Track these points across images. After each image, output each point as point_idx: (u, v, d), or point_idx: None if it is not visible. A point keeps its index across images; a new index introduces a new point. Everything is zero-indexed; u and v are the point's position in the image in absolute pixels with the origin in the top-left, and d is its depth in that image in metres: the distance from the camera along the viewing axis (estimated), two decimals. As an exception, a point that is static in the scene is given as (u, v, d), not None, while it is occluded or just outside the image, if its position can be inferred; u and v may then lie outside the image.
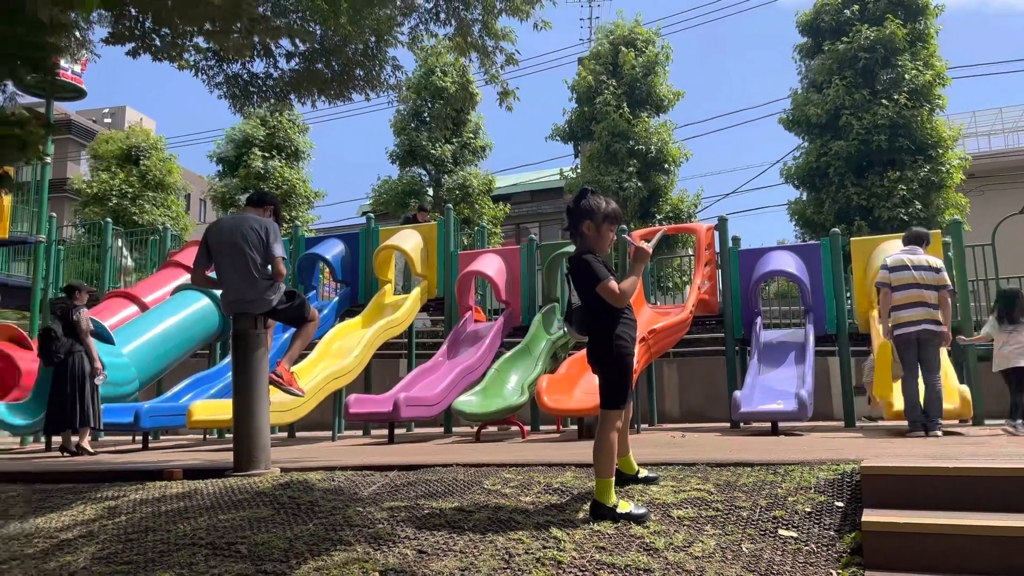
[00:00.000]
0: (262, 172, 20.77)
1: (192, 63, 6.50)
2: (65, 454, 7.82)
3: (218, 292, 5.55)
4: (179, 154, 23.06)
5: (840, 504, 3.49)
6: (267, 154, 21.20)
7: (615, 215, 3.65)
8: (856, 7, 17.23)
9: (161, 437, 10.72)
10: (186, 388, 9.28)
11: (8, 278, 13.02)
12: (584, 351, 9.19)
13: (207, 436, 10.72)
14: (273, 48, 6.59)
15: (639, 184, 17.93)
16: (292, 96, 6.96)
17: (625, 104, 18.29)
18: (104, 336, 8.89)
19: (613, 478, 3.51)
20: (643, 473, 3.95)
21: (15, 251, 13.23)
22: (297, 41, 6.37)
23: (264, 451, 4.95)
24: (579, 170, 19.81)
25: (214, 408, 7.80)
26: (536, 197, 30.46)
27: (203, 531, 3.57)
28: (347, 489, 4.14)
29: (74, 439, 7.92)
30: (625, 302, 3.56)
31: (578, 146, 20.68)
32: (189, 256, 11.18)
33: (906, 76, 16.49)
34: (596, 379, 8.74)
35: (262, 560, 3.13)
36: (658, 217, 18.36)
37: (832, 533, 3.24)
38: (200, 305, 9.83)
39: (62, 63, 11.55)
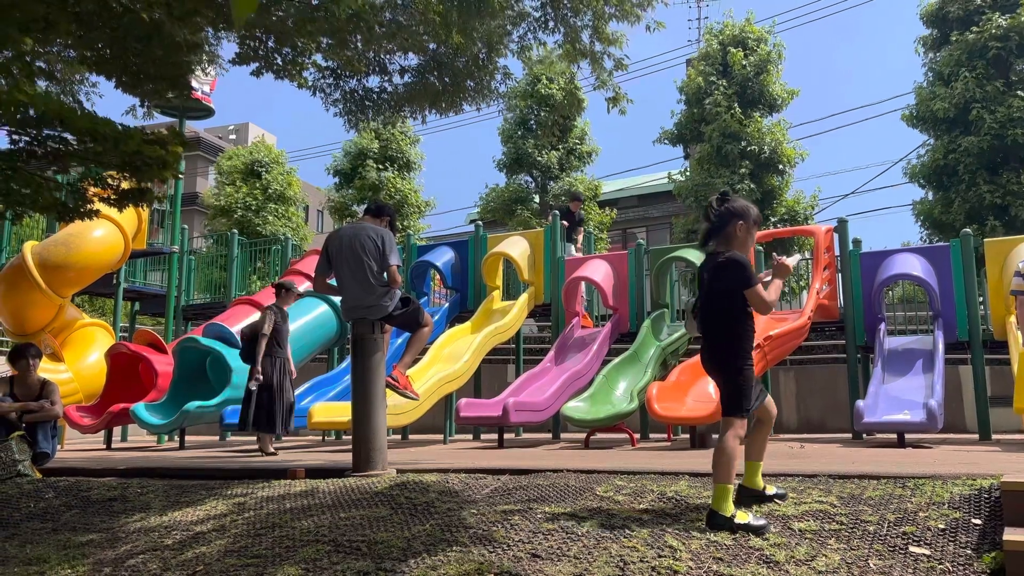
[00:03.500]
0: (376, 183, 21.47)
1: (311, 83, 6.79)
2: (261, 455, 7.75)
3: (337, 299, 5.75)
4: (298, 167, 24.10)
5: (978, 521, 3.28)
6: (381, 166, 21.88)
7: (760, 220, 3.75)
8: (987, -7, 16.21)
9: (283, 438, 11.22)
10: (307, 391, 9.67)
11: (145, 286, 13.97)
12: (694, 359, 9.00)
13: (325, 437, 11.13)
14: (387, 63, 6.81)
15: (752, 186, 17.43)
16: (405, 110, 7.16)
17: (736, 104, 17.83)
18: (231, 341, 9.39)
19: (732, 485, 3.43)
20: (771, 490, 3.76)
21: (151, 261, 14.17)
22: (410, 54, 6.56)
23: (381, 452, 5.10)
24: (688, 173, 19.44)
25: (333, 410, 8.10)
26: (643, 201, 30.07)
27: (325, 528, 3.71)
28: (461, 491, 4.21)
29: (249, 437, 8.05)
30: (768, 311, 3.63)
31: (688, 148, 20.31)
32: (309, 265, 11.67)
33: (1046, 64, 15.38)
34: (708, 387, 8.52)
35: (381, 558, 3.23)
36: (772, 220, 17.79)
37: (969, 552, 3.05)
38: (320, 311, 10.24)
39: (193, 84, 12.31)
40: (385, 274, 5.19)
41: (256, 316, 10.79)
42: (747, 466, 3.75)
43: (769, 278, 3.70)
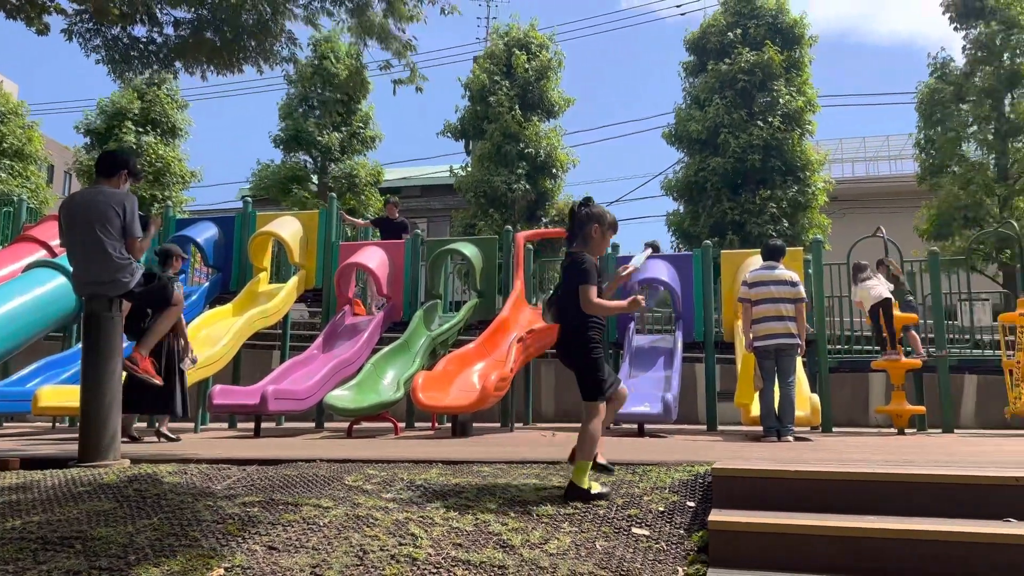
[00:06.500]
0: (134, 147, 19.69)
1: (52, 28, 6.01)
2: (125, 439, 6.37)
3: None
4: (43, 121, 21.44)
5: (692, 504, 3.62)
6: (141, 128, 20.11)
7: (615, 224, 4.07)
8: (739, 31, 18.05)
9: (5, 424, 9.96)
10: (35, 372, 8.62)
11: None
12: (461, 349, 9.16)
13: (57, 424, 10.02)
14: (158, 13, 6.19)
15: (527, 187, 18.13)
16: (178, 64, 6.55)
17: (517, 106, 18.45)
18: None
19: (590, 462, 3.73)
20: (596, 489, 3.72)
21: None
22: (182, 8, 6.04)
23: (113, 441, 4.66)
24: (470, 168, 19.82)
25: (63, 394, 7.29)
26: (426, 192, 30.27)
27: (35, 525, 3.32)
28: (200, 483, 3.96)
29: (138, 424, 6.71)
30: (591, 312, 3.84)
31: (469, 144, 20.69)
32: (45, 231, 10.43)
33: (780, 100, 17.42)
34: (472, 377, 8.70)
35: (97, 555, 2.94)
36: (544, 220, 18.63)
37: (682, 532, 3.36)
38: (55, 284, 9.14)
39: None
40: (124, 247, 4.72)
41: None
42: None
43: (626, 272, 4.03)
